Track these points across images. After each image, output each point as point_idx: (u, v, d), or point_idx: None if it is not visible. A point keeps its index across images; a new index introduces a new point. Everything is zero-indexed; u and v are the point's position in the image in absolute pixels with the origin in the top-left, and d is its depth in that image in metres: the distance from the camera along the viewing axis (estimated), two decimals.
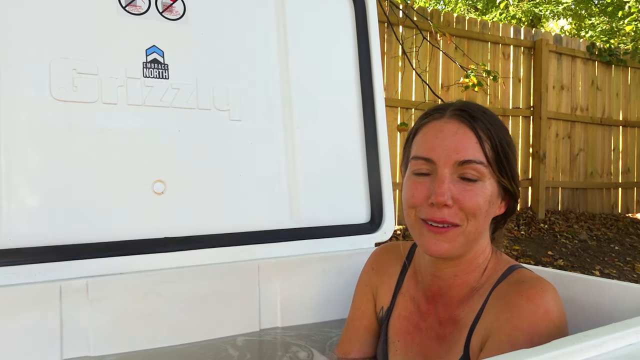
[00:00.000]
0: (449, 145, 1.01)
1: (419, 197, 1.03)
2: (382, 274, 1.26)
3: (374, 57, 1.85)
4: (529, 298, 0.96)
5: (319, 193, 1.71)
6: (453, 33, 5.60)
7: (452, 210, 1.00)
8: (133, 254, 1.40)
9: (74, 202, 1.37)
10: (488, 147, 1.01)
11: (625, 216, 7.07)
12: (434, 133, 1.04)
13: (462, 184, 1.01)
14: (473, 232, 1.02)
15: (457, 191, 1.00)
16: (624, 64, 7.00)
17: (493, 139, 1.02)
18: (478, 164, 1.00)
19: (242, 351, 1.41)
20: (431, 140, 1.03)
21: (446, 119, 1.04)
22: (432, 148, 1.02)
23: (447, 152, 1.01)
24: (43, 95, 1.36)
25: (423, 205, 1.03)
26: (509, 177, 1.04)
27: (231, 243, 1.54)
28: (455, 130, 1.02)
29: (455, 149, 1.00)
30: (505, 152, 1.03)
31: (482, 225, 1.03)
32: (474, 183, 1.01)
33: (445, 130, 1.03)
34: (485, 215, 1.03)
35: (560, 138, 6.54)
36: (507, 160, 1.03)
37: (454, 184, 1.00)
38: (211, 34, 1.59)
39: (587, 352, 0.76)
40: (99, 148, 1.41)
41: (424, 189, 1.03)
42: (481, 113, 1.04)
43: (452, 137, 1.01)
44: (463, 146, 1.00)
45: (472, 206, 1.00)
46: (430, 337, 1.11)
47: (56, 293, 1.28)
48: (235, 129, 1.60)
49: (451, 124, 1.03)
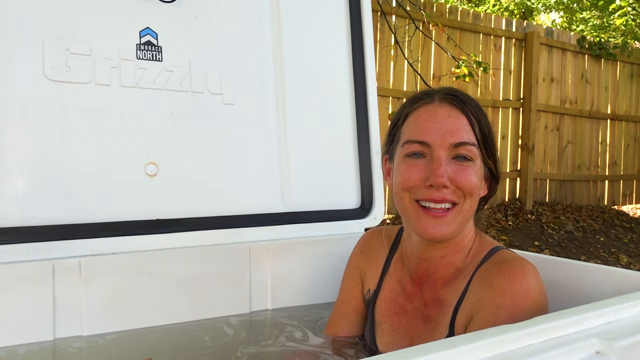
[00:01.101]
0: (443, 128, 1.04)
1: (415, 179, 1.05)
2: (370, 257, 1.29)
3: (367, 44, 1.86)
4: (511, 277, 0.99)
5: (310, 178, 1.73)
6: (446, 23, 5.61)
7: (450, 190, 1.03)
8: (125, 235, 1.42)
9: (67, 182, 1.38)
10: (477, 129, 1.05)
11: (611, 208, 7.17)
12: (427, 117, 1.06)
13: (457, 164, 1.04)
14: (468, 210, 1.06)
15: (453, 171, 1.03)
16: (613, 57, 7.06)
17: (481, 122, 1.06)
18: (471, 146, 1.04)
19: (237, 330, 1.44)
20: (425, 123, 1.06)
21: (437, 103, 1.07)
22: (426, 131, 1.05)
23: (441, 134, 1.03)
24: (36, 75, 1.36)
25: (419, 186, 1.05)
26: (494, 159, 1.08)
27: (223, 226, 1.55)
28: (447, 114, 1.05)
29: (450, 132, 1.03)
30: (491, 136, 1.07)
31: (475, 203, 1.07)
32: (469, 162, 1.04)
33: (438, 113, 1.05)
34: (478, 194, 1.07)
35: (549, 130, 6.59)
36: (492, 143, 1.08)
37: (449, 165, 1.03)
38: (205, 17, 1.59)
39: (566, 329, 0.79)
40: (92, 129, 1.42)
41: (419, 171, 1.05)
42: (468, 97, 1.08)
43: (445, 120, 1.04)
44: (457, 128, 1.03)
45: (469, 184, 1.03)
46: (416, 318, 1.14)
47: (49, 272, 1.29)
48: (228, 112, 1.61)
49: (443, 108, 1.05)
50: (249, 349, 1.32)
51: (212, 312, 1.49)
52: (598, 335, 0.78)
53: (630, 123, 7.44)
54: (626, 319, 0.85)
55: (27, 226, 1.32)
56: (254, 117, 1.66)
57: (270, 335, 1.42)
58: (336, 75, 1.82)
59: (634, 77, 7.43)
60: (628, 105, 7.42)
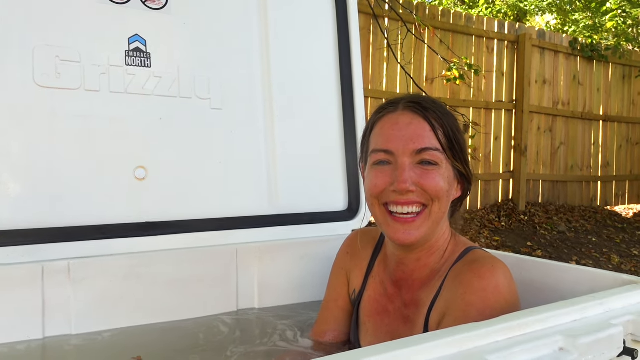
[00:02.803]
0: (405, 136, 1.07)
1: (381, 185, 1.09)
2: (356, 258, 1.32)
3: (354, 48, 1.89)
4: (480, 275, 1.03)
5: (297, 181, 1.77)
6: (438, 26, 5.65)
7: (417, 193, 1.06)
8: (114, 237, 1.45)
9: (57, 186, 1.41)
10: (441, 134, 1.08)
11: (603, 209, 7.22)
12: (390, 126, 1.09)
13: (422, 168, 1.07)
14: (437, 213, 1.09)
15: (418, 176, 1.06)
16: (605, 59, 7.11)
17: (445, 127, 1.08)
18: (434, 151, 1.07)
19: (225, 328, 1.47)
20: (388, 132, 1.09)
21: (400, 111, 1.10)
22: (389, 140, 1.08)
23: (404, 142, 1.06)
24: (26, 81, 1.39)
25: (386, 191, 1.08)
26: (462, 161, 1.11)
27: (211, 228, 1.59)
28: (409, 121, 1.08)
29: (412, 139, 1.06)
30: (457, 138, 1.10)
31: (444, 206, 1.10)
32: (433, 166, 1.07)
33: (400, 122, 1.08)
34: (446, 196, 1.09)
35: (542, 132, 6.64)
36: (459, 145, 1.10)
37: (414, 170, 1.06)
38: (193, 23, 1.62)
39: (532, 326, 0.82)
40: (82, 134, 1.45)
41: (385, 177, 1.08)
42: (432, 103, 1.11)
43: (407, 127, 1.07)
44: (418, 135, 1.07)
45: (434, 187, 1.06)
46: (397, 318, 1.17)
47: (39, 274, 1.32)
48: (216, 117, 1.64)
49: (405, 116, 1.09)
50: (239, 347, 1.35)
51: (200, 312, 1.52)
52: (563, 333, 0.82)
53: (623, 124, 7.50)
54: (591, 317, 0.89)
55: (17, 229, 1.34)
56: (242, 121, 1.69)
57: (259, 334, 1.45)
58: (323, 79, 1.85)
59: (626, 78, 7.49)
60: (620, 106, 7.48)
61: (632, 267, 5.11)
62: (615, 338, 0.84)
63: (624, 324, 0.88)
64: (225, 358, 1.28)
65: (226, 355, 1.30)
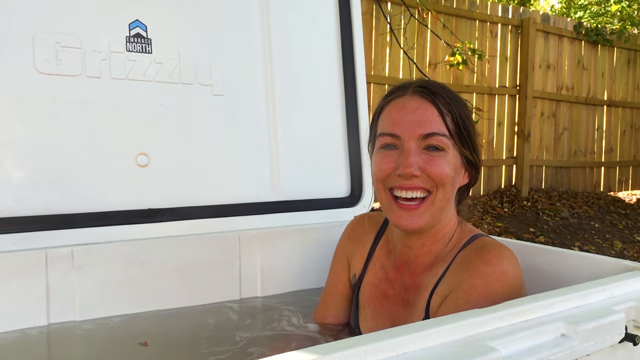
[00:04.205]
0: (412, 120, 1.06)
1: (386, 170, 1.08)
2: (357, 243, 1.32)
3: (356, 33, 1.88)
4: (486, 260, 1.03)
5: (300, 167, 1.76)
6: (441, 10, 5.60)
7: (421, 179, 1.06)
8: (117, 224, 1.45)
9: (59, 173, 1.41)
10: (449, 120, 1.07)
11: (607, 195, 7.20)
12: (398, 110, 1.09)
13: (428, 154, 1.06)
14: (442, 200, 1.08)
15: (424, 161, 1.05)
16: (610, 44, 7.04)
17: (454, 113, 1.08)
18: (441, 136, 1.06)
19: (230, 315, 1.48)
20: (395, 116, 1.09)
21: (408, 95, 1.09)
22: (396, 124, 1.08)
23: (411, 126, 1.06)
24: (27, 68, 1.38)
25: (391, 176, 1.08)
26: (470, 148, 1.10)
27: (213, 214, 1.59)
28: (417, 106, 1.07)
29: (419, 123, 1.06)
30: (466, 125, 1.09)
31: (449, 193, 1.09)
32: (439, 152, 1.07)
33: (408, 106, 1.08)
34: (452, 183, 1.09)
35: (545, 117, 6.60)
36: (467, 132, 1.09)
37: (419, 155, 1.06)
38: (194, 9, 1.61)
39: (535, 312, 0.83)
40: (83, 121, 1.45)
41: (391, 161, 1.08)
42: (441, 89, 1.10)
43: (415, 112, 1.07)
44: (426, 119, 1.06)
45: (439, 173, 1.06)
46: (396, 303, 1.18)
47: (42, 261, 1.33)
48: (217, 103, 1.63)
49: (413, 100, 1.08)
50: (247, 333, 1.36)
51: (203, 299, 1.53)
52: (564, 319, 0.82)
53: (627, 109, 7.45)
54: (593, 303, 0.89)
55: (21, 216, 1.35)
56: (244, 107, 1.68)
57: (265, 320, 1.46)
58: (325, 64, 1.84)
59: (631, 63, 7.42)
60: (624, 91, 7.42)
61: (635, 252, 5.12)
62: (616, 324, 0.85)
63: (626, 310, 0.89)
64: (233, 343, 1.30)
65: (235, 341, 1.31)
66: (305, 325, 1.39)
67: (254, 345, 1.29)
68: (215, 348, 1.26)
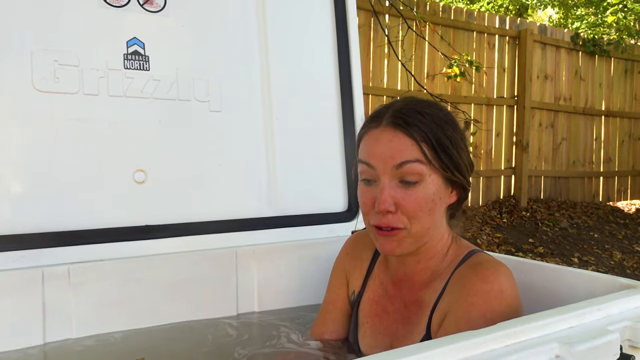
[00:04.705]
0: (385, 153, 1.06)
1: (367, 205, 1.11)
2: (356, 259, 1.33)
3: (353, 47, 1.89)
4: (484, 278, 1.03)
5: (297, 182, 1.77)
6: (439, 22, 5.64)
7: (396, 216, 1.07)
8: (114, 241, 1.45)
9: (57, 190, 1.41)
10: (426, 147, 1.05)
11: (606, 205, 7.20)
12: (372, 142, 1.10)
13: (403, 188, 1.06)
14: (419, 231, 1.09)
15: (399, 197, 1.06)
16: (607, 54, 7.08)
17: (429, 139, 1.05)
18: (414, 162, 1.05)
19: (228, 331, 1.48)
20: (370, 147, 1.10)
21: (382, 127, 1.09)
22: (371, 155, 1.09)
23: (384, 159, 1.06)
24: (25, 86, 1.39)
25: (371, 212, 1.11)
26: (452, 169, 1.08)
27: (210, 231, 1.59)
28: (390, 138, 1.07)
29: (392, 156, 1.06)
30: (445, 147, 1.07)
31: (427, 222, 1.09)
32: (414, 186, 1.06)
33: (381, 139, 1.08)
34: (429, 212, 1.08)
35: (544, 127, 6.63)
36: (447, 154, 1.07)
37: (395, 189, 1.06)
38: (191, 26, 1.62)
39: (529, 334, 0.82)
40: (81, 138, 1.45)
41: (370, 196, 1.10)
42: (417, 115, 1.07)
43: (387, 144, 1.07)
44: (398, 151, 1.05)
45: (414, 209, 1.06)
46: (396, 319, 1.18)
47: (38, 279, 1.33)
48: (215, 119, 1.64)
49: (386, 133, 1.08)
50: (245, 349, 1.35)
51: (200, 315, 1.53)
52: (559, 340, 0.82)
53: (625, 119, 7.48)
54: (588, 323, 0.89)
55: (17, 234, 1.35)
56: (241, 123, 1.69)
57: (263, 336, 1.45)
58: (322, 79, 1.85)
59: (628, 73, 7.46)
60: (622, 101, 7.45)
61: (634, 263, 5.11)
62: (612, 344, 0.84)
63: (621, 330, 0.89)
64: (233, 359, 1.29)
65: (234, 357, 1.31)
66: (304, 341, 1.39)
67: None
68: None
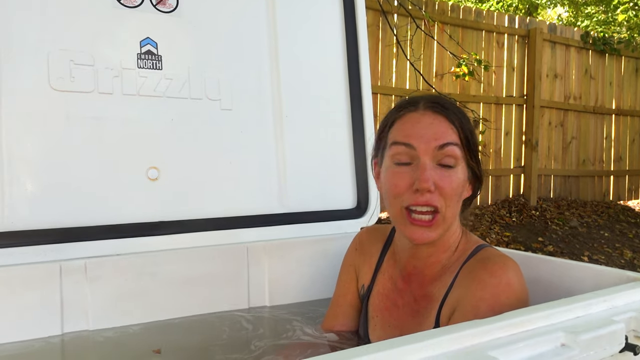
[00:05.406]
0: (427, 134, 1.10)
1: (402, 186, 1.11)
2: (365, 254, 1.35)
3: (362, 46, 1.91)
4: (493, 272, 1.05)
5: (307, 180, 1.79)
6: (447, 21, 5.64)
7: (434, 195, 1.09)
8: (129, 237, 1.49)
9: (73, 187, 1.45)
10: (461, 133, 1.12)
11: (616, 203, 7.16)
12: (412, 123, 1.12)
13: (442, 170, 1.10)
14: (449, 217, 1.12)
15: (438, 177, 1.09)
16: (617, 53, 7.04)
17: (464, 127, 1.12)
18: (455, 146, 1.10)
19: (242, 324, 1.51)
20: (410, 128, 1.12)
21: (421, 111, 1.13)
22: (411, 136, 1.11)
23: (426, 140, 1.09)
24: (42, 85, 1.43)
25: (406, 192, 1.10)
26: (477, 161, 1.15)
27: (222, 227, 1.62)
28: (431, 121, 1.11)
29: (434, 136, 1.09)
30: (474, 139, 1.14)
31: (455, 208, 1.13)
32: (451, 169, 1.10)
33: (422, 121, 1.11)
34: (457, 199, 1.13)
35: (553, 126, 6.60)
36: (475, 145, 1.14)
37: (434, 170, 1.09)
38: (203, 26, 1.65)
39: (535, 323, 0.84)
40: (96, 136, 1.49)
41: (406, 177, 1.10)
42: (450, 104, 1.15)
43: (429, 126, 1.11)
44: (440, 132, 1.10)
45: (450, 191, 1.10)
46: (406, 312, 1.20)
47: (57, 272, 1.36)
48: (226, 118, 1.67)
49: (427, 116, 1.12)
50: (261, 342, 1.38)
51: (212, 310, 1.56)
52: (565, 329, 0.84)
53: (635, 118, 7.42)
54: (594, 314, 0.91)
55: (36, 229, 1.39)
56: (252, 121, 1.72)
57: (277, 330, 1.48)
58: (331, 78, 1.88)
59: (639, 72, 7.40)
60: (633, 100, 7.40)
61: None
62: (616, 334, 0.86)
63: (626, 321, 0.90)
64: (249, 352, 1.32)
65: (250, 350, 1.33)
66: (317, 334, 1.42)
67: (269, 353, 1.31)
68: (230, 355, 1.29)
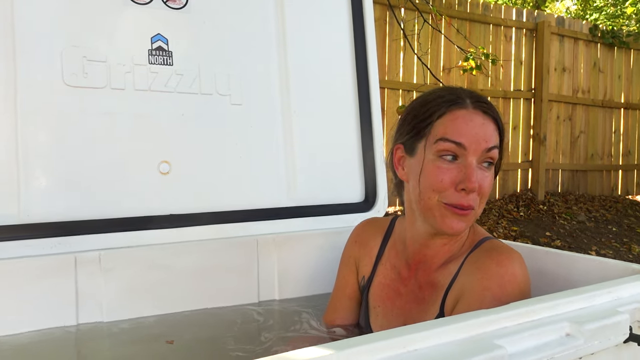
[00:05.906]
0: (479, 135, 1.10)
1: (447, 183, 1.10)
2: (364, 246, 1.37)
3: (369, 41, 1.93)
4: (498, 262, 1.08)
5: (315, 173, 1.81)
6: (455, 15, 5.63)
7: (474, 195, 1.11)
8: (141, 230, 1.52)
9: (87, 181, 1.48)
10: (501, 135, 1.15)
11: (624, 198, 7.13)
12: (464, 121, 1.11)
13: (482, 170, 1.11)
14: (479, 213, 1.15)
15: (481, 178, 1.11)
16: (626, 46, 6.99)
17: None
18: (497, 149, 1.13)
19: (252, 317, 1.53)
20: (462, 126, 1.10)
21: (471, 109, 1.12)
22: (463, 134, 1.10)
23: (478, 140, 1.10)
24: (56, 81, 1.46)
25: (449, 190, 1.10)
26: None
27: (232, 220, 1.65)
28: (482, 122, 1.12)
29: (485, 138, 1.10)
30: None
31: (484, 205, 1.16)
32: (488, 170, 1.13)
33: (474, 120, 1.11)
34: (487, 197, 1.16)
35: (561, 120, 6.58)
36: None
37: (478, 171, 1.11)
38: (213, 22, 1.67)
39: (540, 313, 0.86)
40: (109, 131, 1.52)
41: (452, 174, 1.10)
42: (491, 104, 1.17)
43: (480, 127, 1.11)
44: (489, 135, 1.11)
45: (487, 190, 1.13)
46: (409, 300, 1.23)
47: (71, 264, 1.40)
48: (236, 112, 1.69)
49: (478, 116, 1.12)
50: (271, 333, 1.41)
51: (223, 302, 1.59)
52: (570, 319, 0.86)
53: None
54: (598, 305, 0.92)
55: (51, 222, 1.42)
56: (261, 116, 1.74)
57: (286, 322, 1.50)
58: (339, 73, 1.89)
59: None
60: None
61: None
62: (621, 324, 0.88)
63: (631, 312, 0.92)
64: (260, 343, 1.35)
65: (260, 341, 1.36)
66: (323, 327, 1.44)
67: (279, 344, 1.34)
68: (242, 346, 1.32)
